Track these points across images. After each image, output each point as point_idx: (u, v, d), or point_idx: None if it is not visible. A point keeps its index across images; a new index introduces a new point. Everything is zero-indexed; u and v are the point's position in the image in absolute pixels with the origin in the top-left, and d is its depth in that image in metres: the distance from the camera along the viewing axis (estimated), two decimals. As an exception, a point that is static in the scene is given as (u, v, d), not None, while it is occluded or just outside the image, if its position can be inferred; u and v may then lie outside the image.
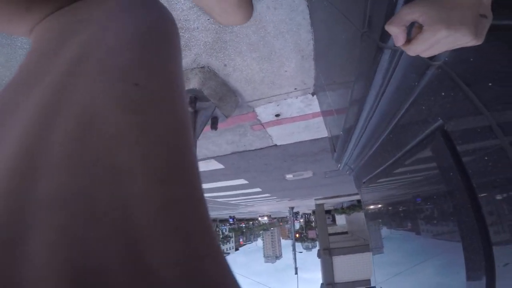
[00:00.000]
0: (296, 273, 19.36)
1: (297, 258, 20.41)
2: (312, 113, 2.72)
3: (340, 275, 13.08)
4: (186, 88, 2.01)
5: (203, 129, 2.21)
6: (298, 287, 19.07)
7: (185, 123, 0.15)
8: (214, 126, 2.31)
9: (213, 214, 25.33)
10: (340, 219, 18.76)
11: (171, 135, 0.14)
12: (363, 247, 13.19)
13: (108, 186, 0.10)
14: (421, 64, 0.58)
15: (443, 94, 0.55)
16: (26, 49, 1.70)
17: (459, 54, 0.49)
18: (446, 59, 0.54)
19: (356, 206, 14.79)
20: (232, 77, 2.15)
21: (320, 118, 2.77)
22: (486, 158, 0.46)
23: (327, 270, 13.38)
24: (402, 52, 0.61)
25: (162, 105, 0.14)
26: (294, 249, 20.74)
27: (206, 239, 0.12)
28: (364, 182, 1.68)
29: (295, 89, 2.30)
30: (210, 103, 2.15)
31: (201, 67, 2.02)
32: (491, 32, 0.40)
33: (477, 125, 0.46)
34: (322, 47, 1.58)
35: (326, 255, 13.75)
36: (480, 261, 0.50)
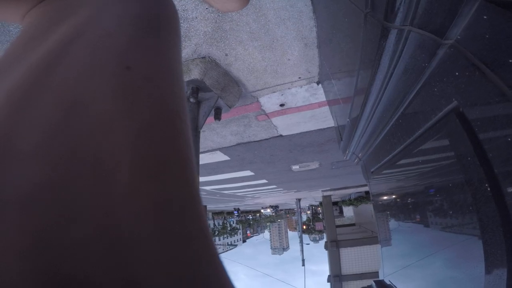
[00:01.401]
0: (303, 264, 19.62)
1: (304, 250, 20.63)
2: (318, 103, 2.68)
3: (347, 267, 13.21)
4: (187, 79, 2.00)
5: (206, 120, 2.21)
6: (305, 278, 19.31)
7: (180, 112, 0.14)
8: (217, 116, 2.31)
9: (220, 206, 25.69)
10: (348, 211, 18.83)
11: (164, 125, 0.12)
12: (370, 239, 13.25)
13: (88, 181, 0.09)
14: (431, 44, 0.55)
15: (457, 74, 0.53)
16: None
17: (473, 30, 0.46)
18: (459, 37, 0.51)
19: (364, 197, 14.74)
20: (234, 67, 2.13)
21: (326, 108, 2.73)
22: (509, 140, 0.43)
23: (334, 262, 13.52)
24: (409, 31, 0.59)
25: (155, 91, 0.13)
26: (301, 241, 20.97)
27: (201, 241, 0.11)
28: (372, 172, 1.66)
29: (299, 78, 2.26)
30: (212, 94, 2.14)
31: (202, 57, 2.00)
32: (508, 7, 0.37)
33: (498, 106, 0.44)
34: (326, 34, 1.54)
35: (333, 247, 13.87)
36: (502, 256, 0.48)
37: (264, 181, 7.64)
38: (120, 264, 0.08)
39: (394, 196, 1.57)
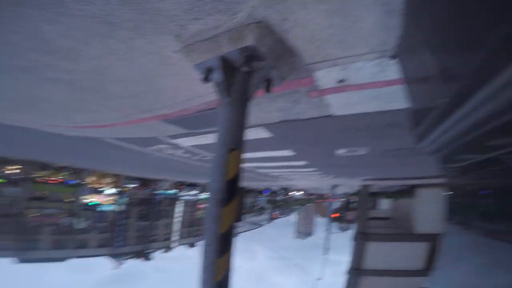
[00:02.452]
0: (325, 253, 19.21)
1: (330, 239, 20.05)
2: (387, 81, 2.33)
3: (371, 262, 12.72)
4: (240, 46, 1.84)
5: (256, 92, 2.07)
6: (324, 269, 18.83)
7: None
8: (268, 88, 2.14)
9: (252, 184, 26.20)
10: (384, 204, 17.79)
11: None
12: (403, 236, 12.47)
13: None
14: None
15: None
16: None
17: None
18: None
19: (407, 191, 13.45)
20: (292, 34, 1.89)
21: (396, 87, 2.37)
22: None
23: (358, 254, 13.10)
24: None
25: None
26: (329, 229, 20.53)
27: None
28: (457, 167, 1.38)
29: (371, 50, 1.95)
30: (266, 63, 1.96)
31: (258, 22, 1.80)
32: None
33: None
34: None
35: (361, 239, 13.33)
36: None
37: (304, 162, 7.44)
38: None
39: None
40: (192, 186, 38.45)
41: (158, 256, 33.47)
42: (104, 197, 27.96)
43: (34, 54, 2.14)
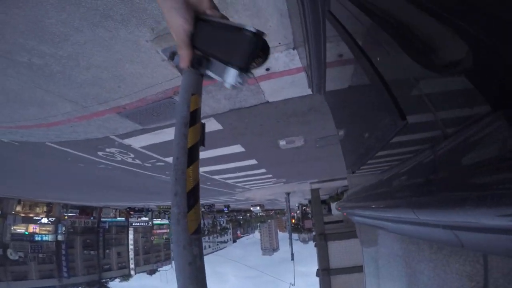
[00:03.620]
0: (293, 259, 20.67)
1: (293, 252, 21.61)
2: (296, 68, 3.42)
3: (335, 261, 14.06)
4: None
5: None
6: (295, 278, 20.18)
7: None
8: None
9: (210, 200, 26.37)
10: (335, 209, 19.87)
11: None
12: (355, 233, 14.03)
13: None
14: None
15: None
16: None
17: None
18: None
19: None
20: (229, 30, 2.85)
21: (304, 74, 3.47)
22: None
23: (323, 256, 14.38)
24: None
25: None
26: (290, 236, 21.98)
27: None
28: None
29: (279, 43, 3.01)
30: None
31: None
32: None
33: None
34: (293, 6, 2.27)
35: (322, 240, 14.77)
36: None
37: (253, 161, 8.38)
38: None
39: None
40: (142, 211, 36.61)
41: (116, 285, 31.35)
42: (40, 227, 25.58)
43: (20, 37, 2.67)
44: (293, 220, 25.71)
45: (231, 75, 0.52)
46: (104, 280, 30.45)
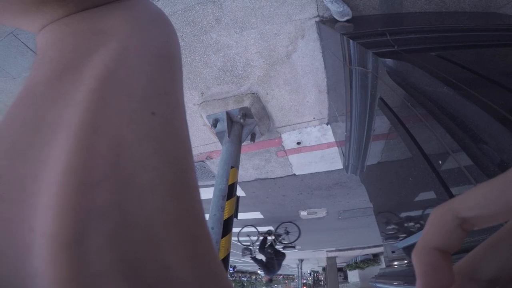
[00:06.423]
0: None
1: None
2: (327, 143, 3.71)
3: None
4: (240, 106, 3.16)
5: (245, 139, 3.25)
6: None
7: (189, 146, 0.19)
8: (253, 138, 3.36)
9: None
10: (353, 276, 17.62)
11: (181, 158, 0.17)
12: None
13: (137, 201, 0.14)
14: (364, 72, 1.63)
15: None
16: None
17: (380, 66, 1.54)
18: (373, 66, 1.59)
19: (371, 260, 14.55)
20: (270, 103, 3.31)
21: (334, 149, 3.74)
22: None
23: None
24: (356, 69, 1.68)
25: (174, 132, 0.18)
26: None
27: (210, 243, 0.16)
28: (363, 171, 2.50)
29: (314, 118, 3.39)
30: (253, 120, 3.25)
31: (252, 93, 3.21)
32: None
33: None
34: (332, 82, 2.72)
35: None
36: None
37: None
38: (159, 257, 0.13)
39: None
40: None
41: None
42: None
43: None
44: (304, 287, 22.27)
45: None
46: None
